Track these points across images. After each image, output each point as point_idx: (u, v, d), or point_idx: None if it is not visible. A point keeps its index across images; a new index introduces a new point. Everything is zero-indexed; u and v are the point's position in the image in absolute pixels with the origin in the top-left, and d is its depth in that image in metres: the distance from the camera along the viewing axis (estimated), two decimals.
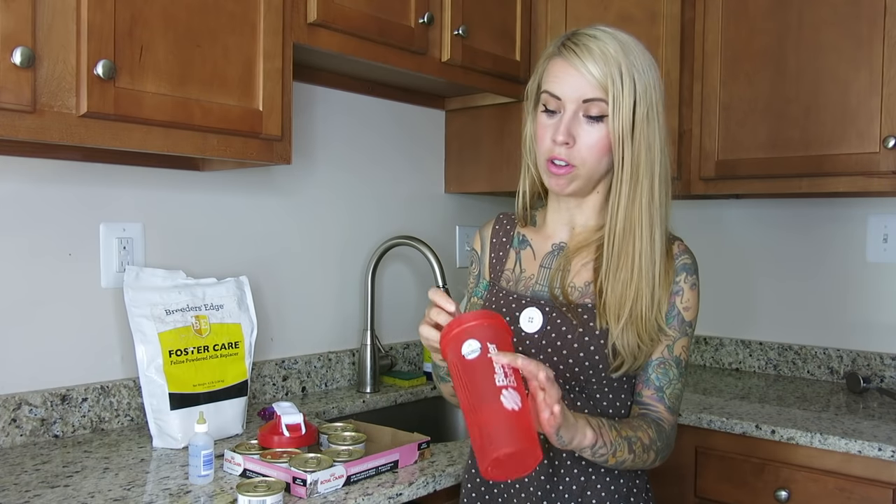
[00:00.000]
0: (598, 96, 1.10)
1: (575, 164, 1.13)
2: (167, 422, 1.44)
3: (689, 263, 1.18)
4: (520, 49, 2.02)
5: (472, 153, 2.25)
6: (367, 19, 1.62)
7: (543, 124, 1.15)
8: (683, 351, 1.18)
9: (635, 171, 1.12)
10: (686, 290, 1.17)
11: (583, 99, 1.11)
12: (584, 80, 1.10)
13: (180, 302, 1.50)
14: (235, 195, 1.81)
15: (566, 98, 1.12)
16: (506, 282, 1.25)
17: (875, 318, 2.16)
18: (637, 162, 1.12)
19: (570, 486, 1.16)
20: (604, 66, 1.09)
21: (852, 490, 1.60)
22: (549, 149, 1.14)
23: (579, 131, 1.12)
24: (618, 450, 1.07)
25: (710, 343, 2.46)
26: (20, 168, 1.46)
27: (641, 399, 1.18)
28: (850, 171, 1.89)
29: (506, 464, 0.88)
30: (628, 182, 1.12)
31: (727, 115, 2.10)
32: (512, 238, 1.28)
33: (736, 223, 2.42)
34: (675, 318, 1.17)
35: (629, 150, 1.11)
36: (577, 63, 1.10)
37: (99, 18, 1.19)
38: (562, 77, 1.12)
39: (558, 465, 1.17)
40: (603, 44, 1.10)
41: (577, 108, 1.11)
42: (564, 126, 1.11)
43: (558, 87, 1.12)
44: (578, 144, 1.12)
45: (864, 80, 1.87)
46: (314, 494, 1.19)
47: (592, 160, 1.13)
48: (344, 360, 2.03)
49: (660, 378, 1.17)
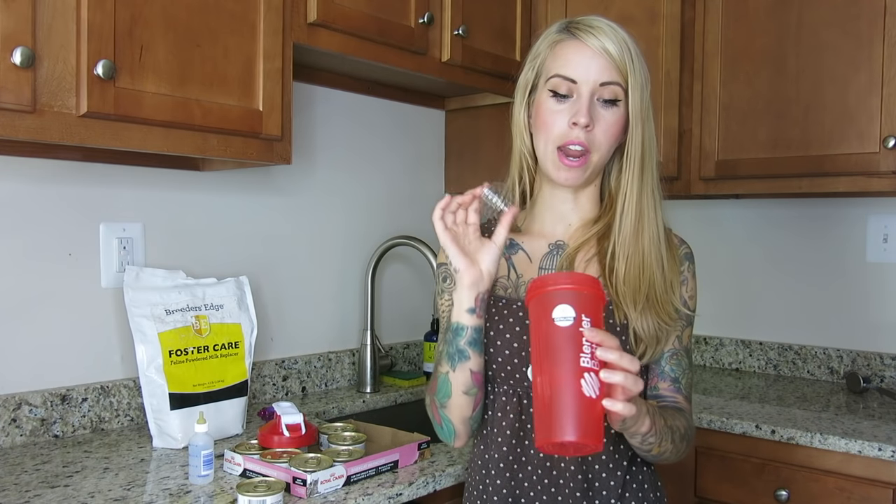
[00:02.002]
0: (614, 79, 1.08)
1: (592, 149, 1.09)
2: (167, 422, 1.44)
3: (689, 252, 1.20)
4: (520, 49, 2.02)
5: (472, 153, 2.25)
6: (367, 19, 1.62)
7: (553, 109, 1.10)
8: (689, 340, 1.20)
9: (647, 154, 1.11)
10: (690, 278, 1.18)
11: (600, 82, 1.07)
12: (603, 59, 1.07)
13: (180, 302, 1.50)
14: (235, 195, 1.80)
15: (582, 80, 1.07)
16: (502, 290, 1.17)
17: (875, 318, 2.16)
18: (650, 146, 1.11)
19: (601, 492, 1.11)
20: (619, 46, 1.07)
21: (852, 490, 1.60)
22: (565, 133, 1.08)
23: (596, 115, 1.08)
24: (664, 439, 1.05)
25: (710, 343, 2.46)
26: (20, 168, 1.46)
27: (658, 392, 1.16)
28: (850, 171, 1.89)
29: (566, 447, 0.86)
30: (639, 166, 1.10)
31: (727, 115, 2.10)
32: None
33: (736, 223, 2.42)
34: (681, 307, 1.16)
35: (639, 135, 1.10)
36: (594, 42, 1.07)
37: (99, 18, 1.19)
38: (576, 59, 1.08)
39: (591, 477, 1.12)
40: (610, 27, 1.09)
41: (593, 90, 1.08)
42: (585, 108, 1.07)
43: (573, 70, 1.08)
44: (596, 129, 1.08)
45: (864, 80, 1.87)
46: (314, 494, 1.19)
47: (607, 145, 1.10)
48: (344, 360, 2.03)
49: (674, 369, 1.17)
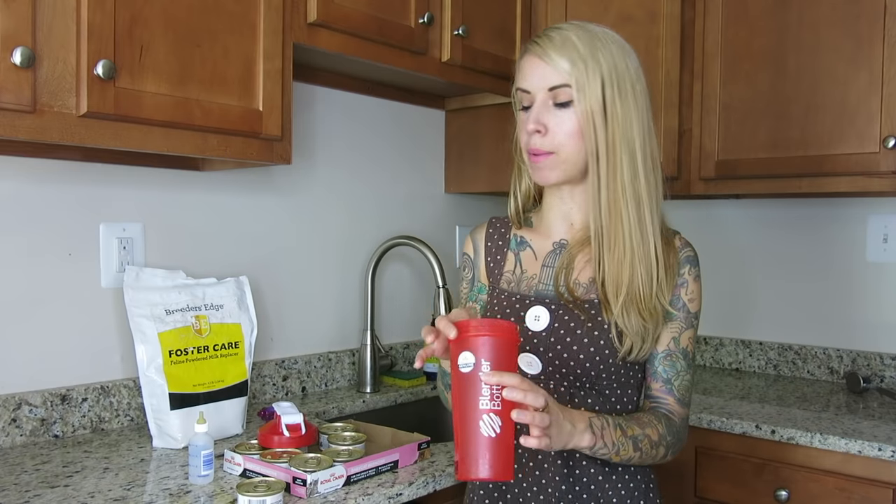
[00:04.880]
0: (563, 82, 1.12)
1: (552, 150, 1.14)
2: (167, 422, 1.44)
3: (692, 256, 1.20)
4: (520, 49, 2.02)
5: (472, 153, 2.25)
6: (366, 19, 1.62)
7: (520, 121, 1.18)
8: (690, 343, 1.20)
9: (611, 150, 1.13)
10: (690, 281, 1.19)
11: (548, 87, 1.13)
12: (548, 68, 1.13)
13: (180, 302, 1.50)
14: (235, 195, 1.81)
15: (533, 89, 1.15)
16: (506, 283, 1.24)
17: (875, 318, 2.16)
18: (612, 141, 1.13)
19: (589, 486, 1.17)
20: (564, 52, 1.12)
21: (852, 490, 1.60)
22: (526, 141, 1.16)
23: (550, 119, 1.14)
24: (621, 449, 1.09)
25: (710, 343, 2.46)
26: (20, 168, 1.46)
27: (651, 393, 1.20)
28: (850, 171, 1.89)
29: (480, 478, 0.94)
30: (605, 162, 1.13)
31: (727, 115, 2.10)
32: (508, 241, 1.28)
33: (736, 223, 2.42)
34: (680, 309, 1.18)
35: (602, 131, 1.12)
36: (540, 52, 1.14)
37: (99, 18, 1.19)
38: (528, 70, 1.15)
39: (573, 465, 1.17)
40: (566, 32, 1.13)
41: (545, 97, 1.14)
42: (534, 115, 1.14)
43: (525, 81, 1.16)
44: (552, 131, 1.14)
45: (864, 79, 1.87)
46: (314, 494, 1.19)
47: (570, 145, 1.14)
48: (344, 360, 2.03)
49: (667, 370, 1.18)
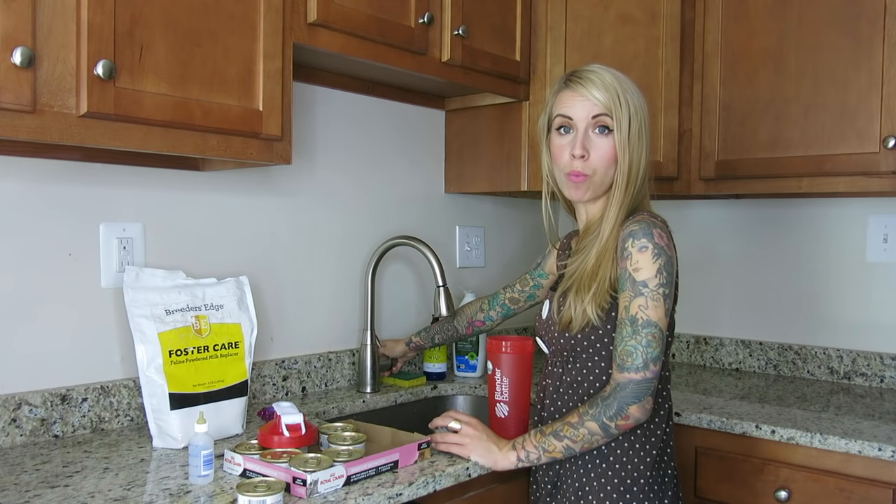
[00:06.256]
0: (605, 111, 1.34)
1: (589, 174, 1.35)
2: (167, 422, 1.44)
3: (636, 230, 1.30)
4: (520, 49, 2.02)
5: (472, 153, 2.25)
6: (367, 19, 1.62)
7: (559, 144, 1.38)
8: (640, 310, 1.27)
9: (632, 175, 1.35)
10: (634, 252, 1.29)
11: (592, 115, 1.34)
12: (591, 100, 1.34)
13: (180, 302, 1.50)
14: (235, 195, 1.81)
15: (577, 118, 1.35)
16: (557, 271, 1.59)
17: (875, 318, 2.16)
18: (631, 168, 1.34)
19: (574, 484, 1.36)
20: (605, 92, 1.33)
21: (852, 490, 1.60)
22: (568, 163, 1.36)
23: (591, 145, 1.35)
24: (548, 446, 1.30)
25: (710, 343, 2.46)
26: (20, 168, 1.46)
27: None
28: (850, 171, 1.89)
29: None
30: (623, 185, 1.35)
31: (727, 115, 2.10)
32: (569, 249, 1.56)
33: (736, 223, 2.42)
34: (626, 280, 1.29)
35: (626, 160, 1.34)
36: (583, 91, 1.34)
37: (99, 18, 1.19)
38: (570, 101, 1.36)
39: (559, 465, 1.39)
40: (600, 75, 1.35)
41: (588, 125, 1.35)
42: (580, 142, 1.34)
43: (570, 110, 1.36)
44: (592, 157, 1.35)
45: (864, 80, 1.87)
46: (314, 494, 1.19)
47: (603, 168, 1.35)
48: (344, 360, 2.03)
49: (615, 338, 1.29)
